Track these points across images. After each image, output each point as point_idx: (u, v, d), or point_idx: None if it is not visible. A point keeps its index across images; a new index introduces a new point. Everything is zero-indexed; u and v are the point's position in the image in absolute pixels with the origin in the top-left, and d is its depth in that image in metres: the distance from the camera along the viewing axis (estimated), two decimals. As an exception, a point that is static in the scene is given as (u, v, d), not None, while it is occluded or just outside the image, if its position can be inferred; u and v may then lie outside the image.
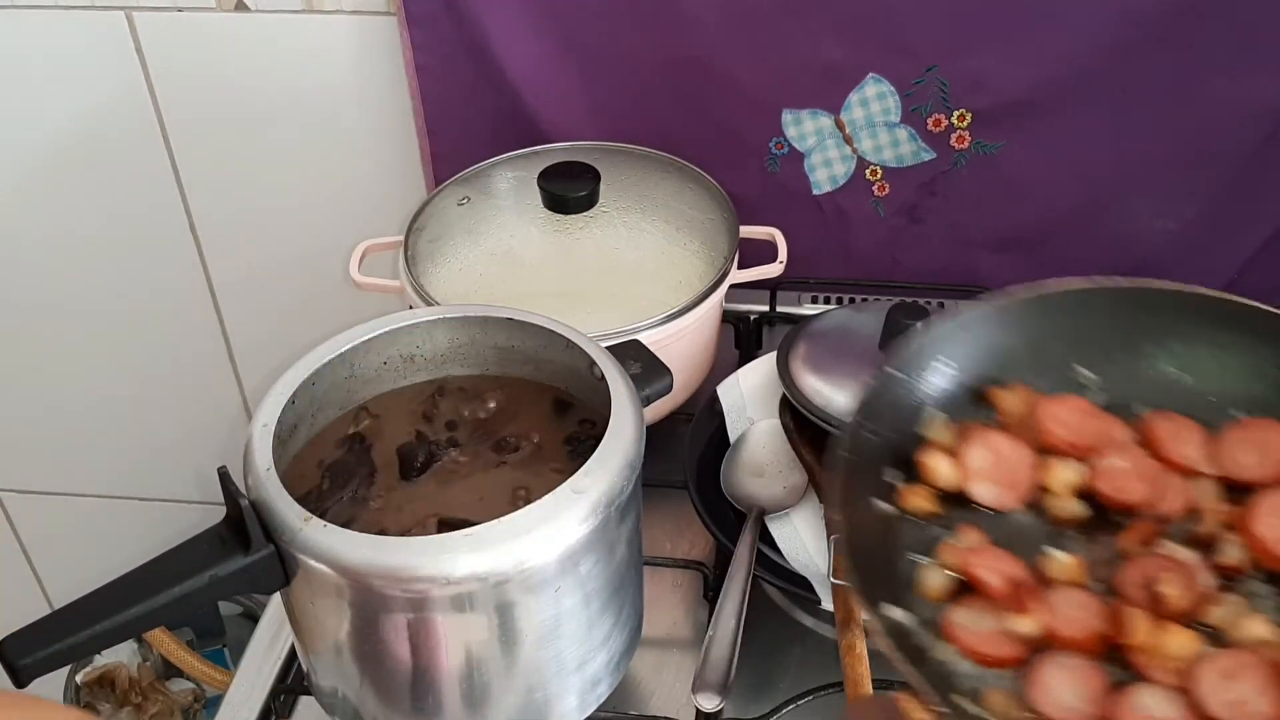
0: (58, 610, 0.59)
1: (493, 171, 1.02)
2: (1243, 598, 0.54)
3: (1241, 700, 0.49)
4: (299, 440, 0.70)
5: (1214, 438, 0.58)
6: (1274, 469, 0.57)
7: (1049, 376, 0.59)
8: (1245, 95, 0.98)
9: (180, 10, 1.11)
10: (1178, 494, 0.57)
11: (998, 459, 0.57)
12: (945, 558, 0.55)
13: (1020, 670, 0.52)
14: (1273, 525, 0.54)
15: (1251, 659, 0.51)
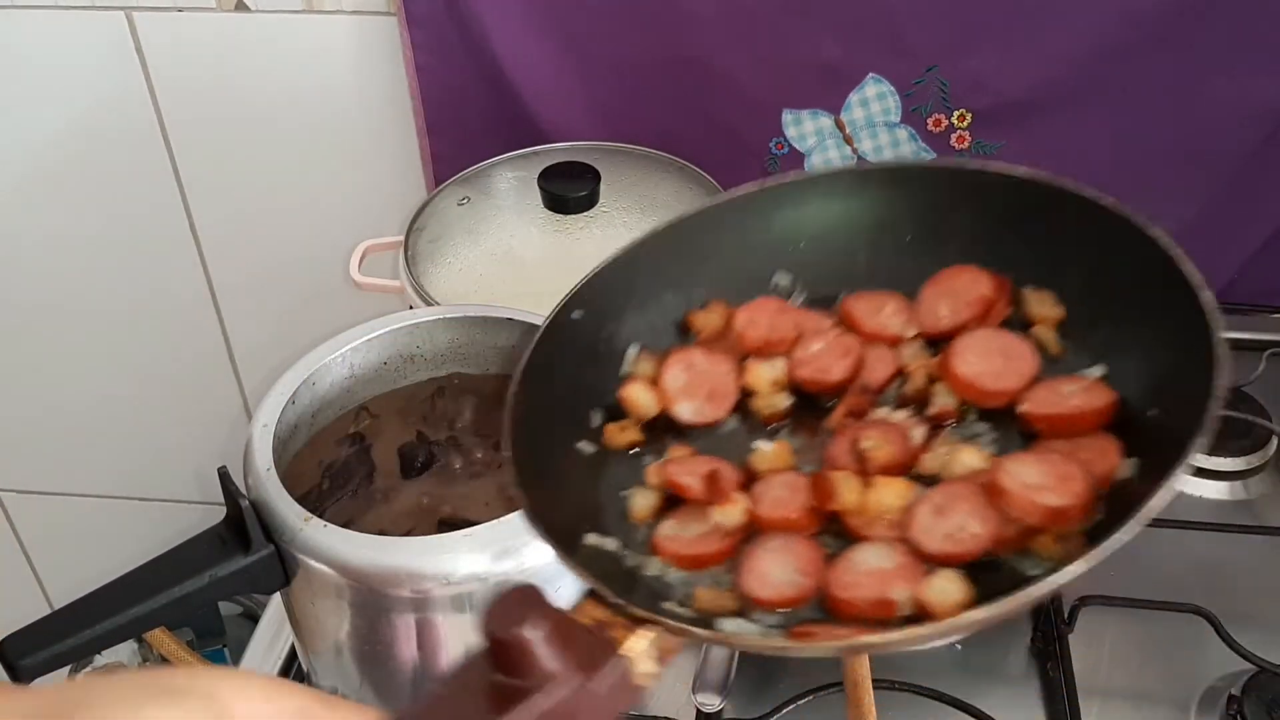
0: (58, 610, 0.59)
1: (493, 171, 1.02)
2: (955, 439, 0.54)
3: (956, 529, 0.49)
4: (299, 440, 0.70)
5: (912, 301, 0.58)
6: (966, 312, 0.56)
7: (749, 291, 0.59)
8: (1245, 95, 0.98)
9: (180, 10, 1.11)
10: (883, 363, 0.57)
11: (695, 375, 0.56)
12: (650, 478, 0.54)
13: (731, 563, 0.51)
14: (971, 362, 0.54)
15: (962, 488, 0.50)
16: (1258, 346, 1.00)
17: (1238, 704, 0.73)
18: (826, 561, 0.49)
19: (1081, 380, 0.53)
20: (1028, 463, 0.49)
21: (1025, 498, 0.48)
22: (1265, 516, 0.90)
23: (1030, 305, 0.56)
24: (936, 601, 0.46)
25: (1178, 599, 0.80)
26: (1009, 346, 0.55)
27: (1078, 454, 0.50)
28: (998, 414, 0.54)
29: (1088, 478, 0.48)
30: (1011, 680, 0.79)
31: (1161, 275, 0.51)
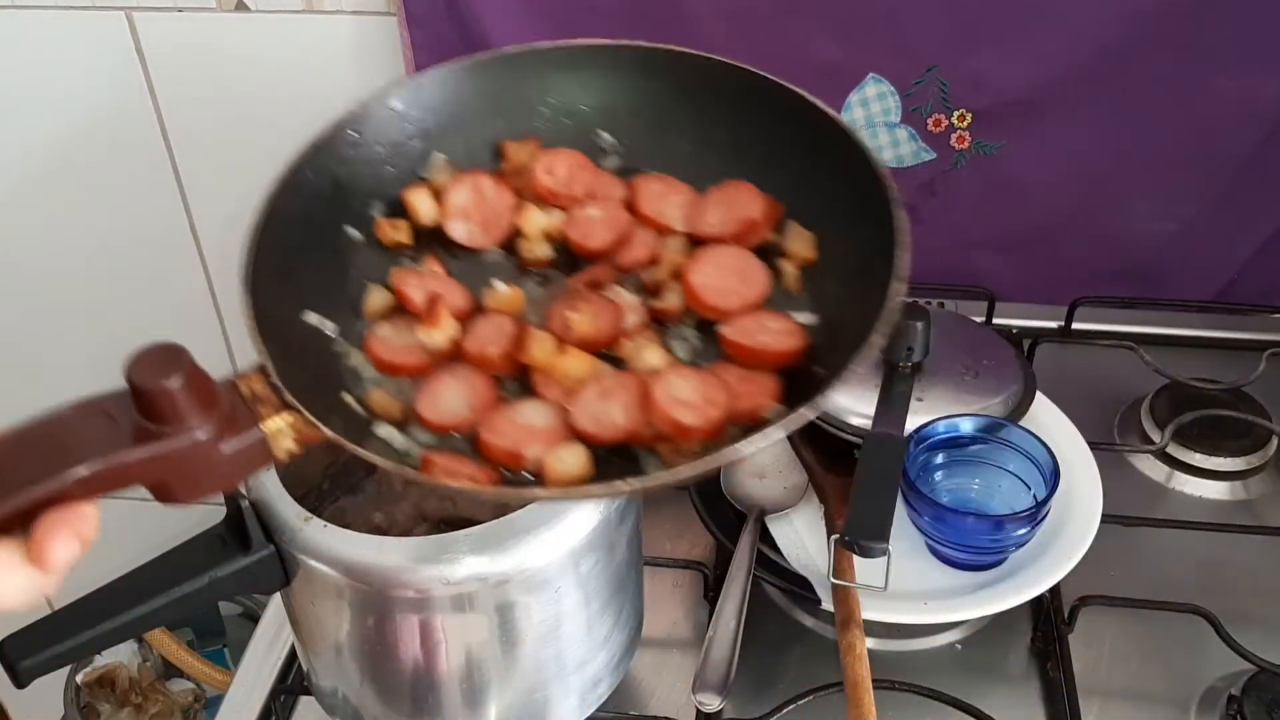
0: (58, 611, 0.59)
1: (493, 171, 1.02)
2: (659, 336, 0.57)
3: (604, 414, 0.53)
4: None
5: (699, 198, 0.60)
6: (733, 226, 0.59)
7: (568, 137, 0.61)
8: (1245, 95, 0.99)
9: (180, 10, 1.11)
10: (644, 246, 0.59)
11: (479, 199, 0.59)
12: (390, 280, 0.57)
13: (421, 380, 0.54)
14: (706, 274, 0.58)
15: (629, 381, 0.54)
16: (1258, 346, 1.00)
17: (1238, 704, 0.73)
18: (497, 403, 0.53)
19: (785, 321, 0.57)
20: (689, 379, 0.54)
21: (665, 409, 0.52)
22: (1265, 516, 0.90)
23: (791, 239, 0.59)
24: (554, 468, 0.50)
25: (1178, 599, 0.80)
26: (748, 270, 0.58)
27: (741, 385, 0.54)
28: (710, 327, 0.57)
29: (730, 408, 0.53)
30: (1011, 680, 0.79)
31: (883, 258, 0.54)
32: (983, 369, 0.86)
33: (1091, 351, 1.04)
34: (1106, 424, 0.98)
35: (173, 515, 1.70)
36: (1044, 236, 1.09)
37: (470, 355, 0.55)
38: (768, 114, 0.60)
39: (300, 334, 0.53)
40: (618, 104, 0.61)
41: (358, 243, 0.58)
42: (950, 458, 0.82)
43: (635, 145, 0.62)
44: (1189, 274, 1.09)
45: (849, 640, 0.70)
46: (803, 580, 0.77)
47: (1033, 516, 0.76)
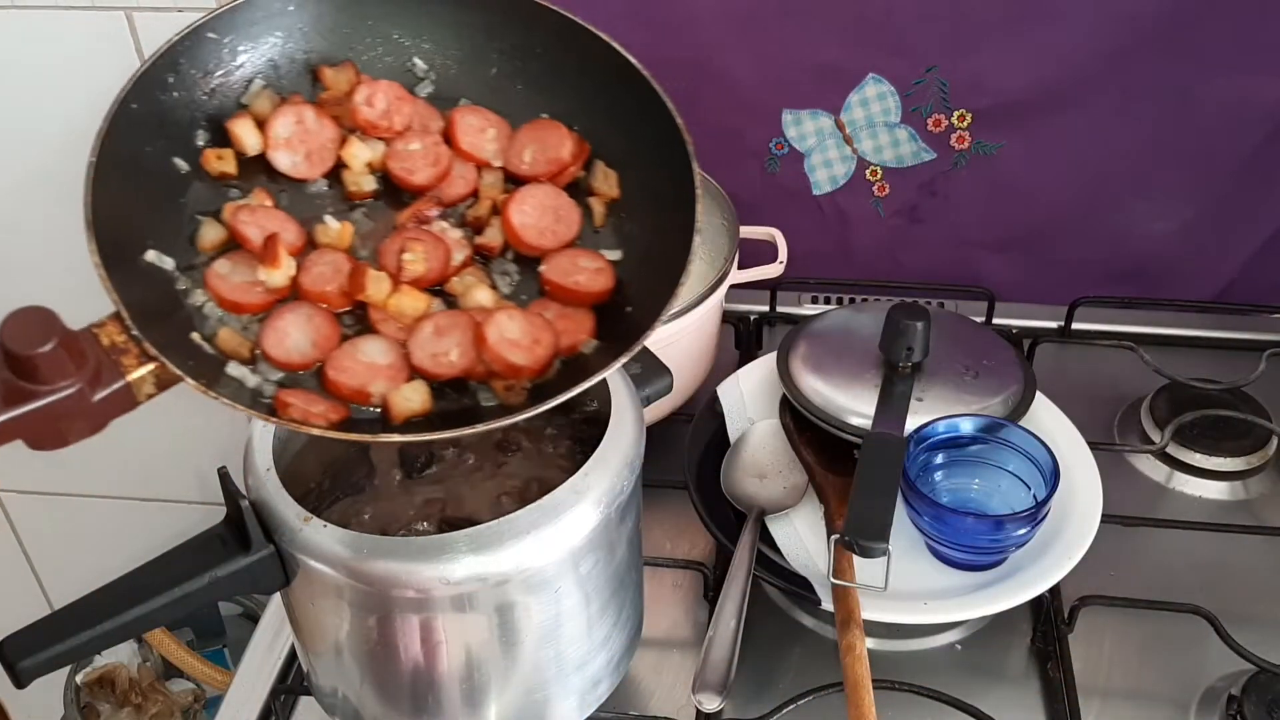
0: (57, 611, 0.59)
1: (493, 171, 1.02)
2: (484, 273, 0.61)
3: (441, 352, 0.56)
4: (299, 440, 0.70)
5: (513, 134, 0.63)
6: (545, 165, 0.62)
7: (383, 63, 0.63)
8: (1245, 95, 0.99)
9: (180, 10, 1.11)
10: (464, 181, 0.62)
11: (303, 131, 0.60)
12: (224, 215, 0.58)
13: (263, 317, 0.57)
14: (525, 212, 0.61)
15: (463, 320, 0.58)
16: (1258, 347, 1.00)
17: (1238, 704, 0.73)
18: (340, 339, 0.56)
19: (597, 259, 0.61)
20: (516, 319, 0.58)
21: (497, 349, 0.56)
22: (1265, 516, 0.90)
23: (597, 178, 0.63)
24: (399, 403, 0.54)
25: (1178, 599, 0.80)
26: (562, 209, 0.62)
27: (560, 321, 0.59)
28: (529, 261, 0.61)
29: (554, 346, 0.58)
30: (1012, 680, 0.79)
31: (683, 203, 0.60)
32: (983, 369, 0.86)
33: (1091, 351, 1.04)
34: (1106, 424, 0.98)
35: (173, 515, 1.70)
36: (1044, 236, 1.09)
37: (309, 294, 0.57)
38: (576, 55, 0.62)
39: (146, 275, 0.55)
40: (431, 33, 0.64)
41: (187, 174, 0.59)
42: (950, 458, 0.82)
43: (448, 74, 0.64)
44: (1189, 274, 1.09)
45: (849, 640, 0.70)
46: (803, 580, 0.77)
47: (1032, 516, 0.75)
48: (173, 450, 1.47)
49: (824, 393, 0.85)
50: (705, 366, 0.97)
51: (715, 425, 0.90)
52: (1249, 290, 1.08)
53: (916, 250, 1.12)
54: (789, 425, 0.87)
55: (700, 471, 0.86)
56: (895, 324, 0.83)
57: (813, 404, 0.85)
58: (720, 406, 0.91)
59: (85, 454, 1.57)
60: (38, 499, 1.56)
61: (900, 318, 0.83)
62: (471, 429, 0.53)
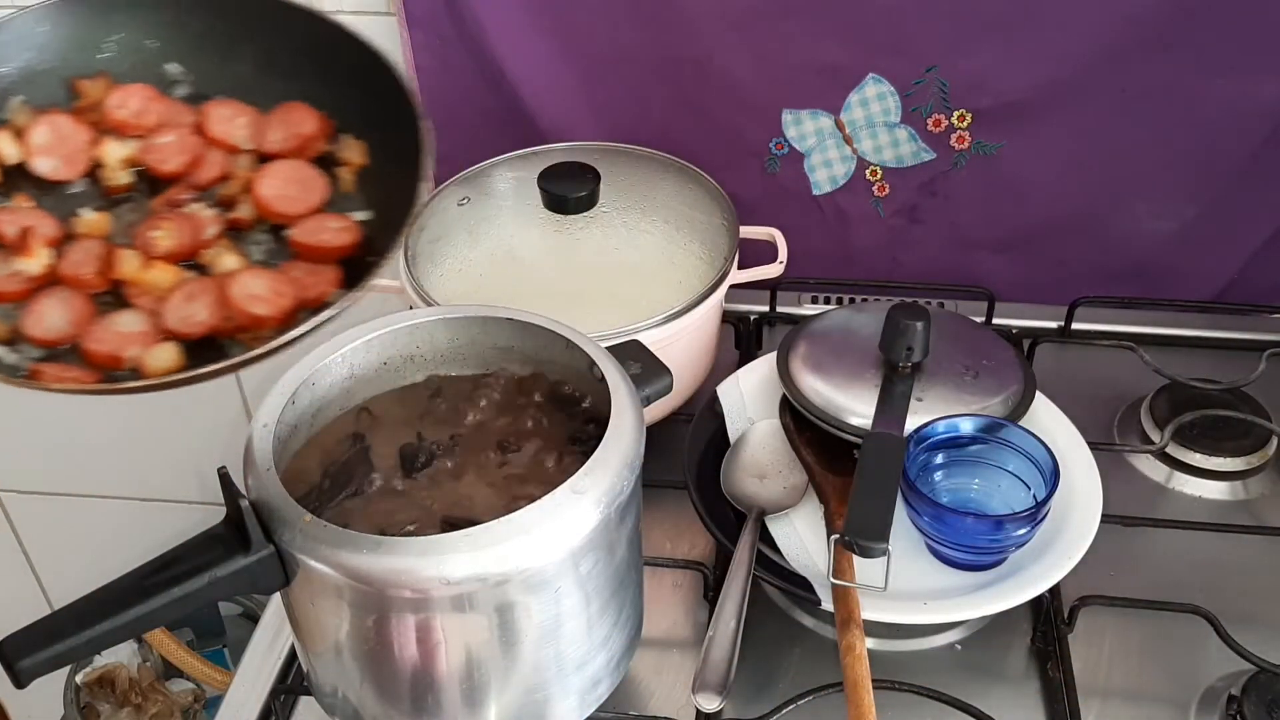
0: (57, 611, 0.59)
1: (493, 171, 1.02)
2: (235, 244, 0.67)
3: (190, 314, 0.63)
4: (299, 440, 0.70)
5: (262, 119, 0.70)
6: (291, 142, 0.69)
7: (137, 71, 0.69)
8: (1245, 95, 0.99)
9: (180, 10, 1.11)
10: (216, 165, 0.69)
11: (59, 137, 0.66)
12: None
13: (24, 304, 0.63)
14: (271, 185, 0.68)
15: (210, 284, 0.64)
16: (1258, 347, 1.00)
17: (1238, 704, 0.73)
18: (94, 317, 0.61)
19: (343, 220, 0.69)
20: (261, 277, 0.65)
21: (240, 305, 0.63)
22: (1265, 516, 0.90)
23: (345, 149, 0.70)
24: (150, 363, 0.60)
25: (1178, 599, 0.80)
26: (308, 179, 0.69)
27: (308, 278, 0.66)
28: (281, 230, 0.68)
29: (298, 298, 0.64)
30: (1011, 680, 0.79)
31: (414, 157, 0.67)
32: (983, 369, 0.86)
33: (1091, 351, 1.04)
34: (1106, 424, 0.98)
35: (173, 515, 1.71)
36: (1044, 236, 1.09)
37: (66, 278, 0.63)
38: (318, 42, 0.69)
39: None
40: (181, 38, 0.70)
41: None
42: (950, 458, 0.82)
43: (202, 74, 0.70)
44: (1189, 274, 1.09)
45: (848, 640, 0.70)
46: (803, 580, 0.77)
47: (1032, 516, 0.76)
48: (173, 450, 1.47)
49: (824, 393, 0.85)
50: (705, 366, 0.97)
51: (715, 425, 0.90)
52: (1249, 290, 1.08)
53: (916, 250, 1.12)
54: (789, 425, 0.87)
55: (700, 471, 0.86)
56: (895, 324, 0.83)
57: (812, 404, 0.85)
58: (720, 406, 0.91)
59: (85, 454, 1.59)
60: (37, 499, 1.56)
61: (900, 317, 0.83)
62: (215, 366, 0.59)
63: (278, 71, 0.70)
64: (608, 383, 0.68)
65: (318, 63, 0.70)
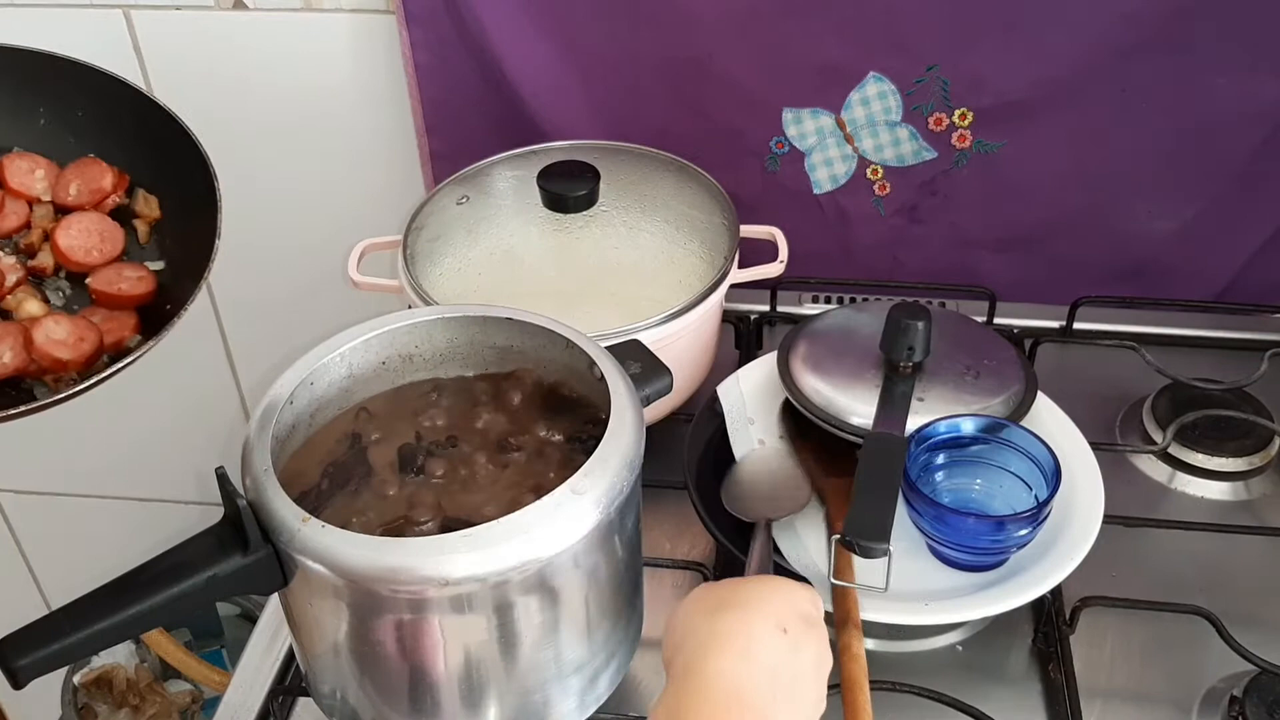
0: (55, 611, 0.59)
1: (492, 171, 1.02)
2: (37, 290, 0.73)
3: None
4: (297, 440, 0.70)
5: (60, 172, 0.75)
6: (89, 195, 0.75)
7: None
8: (1245, 95, 0.98)
9: (179, 9, 1.11)
10: (16, 215, 0.74)
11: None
12: None
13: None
14: (70, 236, 0.73)
15: (15, 327, 0.69)
16: (1258, 347, 1.00)
17: (1239, 705, 0.73)
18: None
19: (140, 269, 0.76)
20: (63, 323, 0.71)
21: (44, 348, 0.69)
22: (1267, 517, 0.90)
23: (139, 203, 0.76)
24: None
25: (1179, 600, 0.80)
26: (106, 230, 0.76)
27: (107, 323, 0.72)
28: (81, 277, 0.74)
29: (99, 343, 0.70)
30: (1013, 681, 0.79)
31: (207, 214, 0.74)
32: (984, 369, 0.86)
33: (1093, 351, 1.04)
34: (1108, 424, 0.97)
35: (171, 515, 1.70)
36: (1045, 236, 1.09)
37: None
38: (111, 99, 0.74)
39: None
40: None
41: None
42: (951, 458, 0.82)
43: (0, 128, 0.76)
44: (1190, 274, 1.09)
45: (845, 640, 0.70)
46: (803, 581, 0.77)
47: (1034, 517, 0.75)
48: (170, 450, 1.47)
49: (824, 393, 0.85)
50: (705, 366, 0.97)
51: (715, 425, 0.90)
52: (1251, 290, 1.08)
53: (917, 250, 1.12)
54: (790, 428, 0.87)
55: (700, 471, 0.86)
56: (896, 323, 0.83)
57: (813, 404, 0.84)
58: (720, 406, 0.91)
59: (83, 454, 1.58)
60: (34, 499, 1.56)
61: (901, 317, 0.83)
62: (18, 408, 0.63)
63: (73, 127, 0.75)
64: (608, 383, 0.67)
65: (112, 121, 0.74)
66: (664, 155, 1.02)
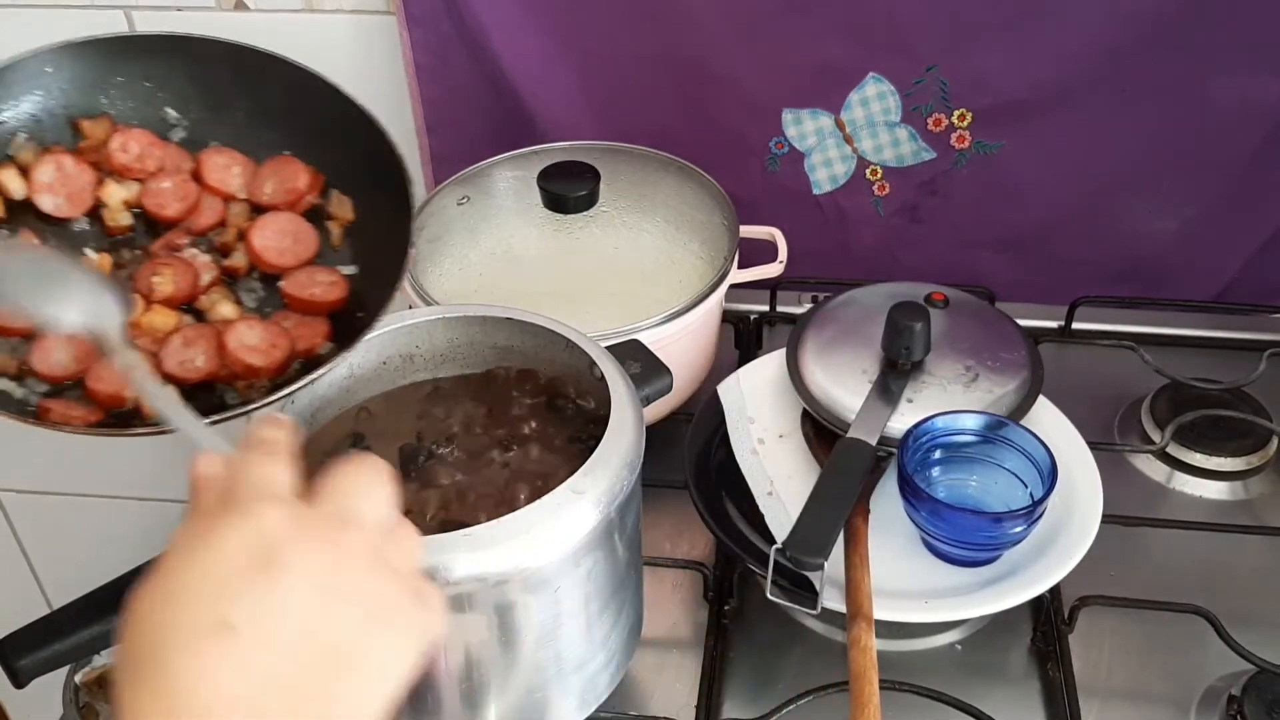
0: (56, 611, 0.59)
1: (492, 171, 1.02)
2: (230, 290, 0.70)
3: (189, 359, 0.65)
4: (296, 440, 0.70)
5: (256, 169, 0.72)
6: (284, 195, 0.71)
7: (138, 113, 0.71)
8: (1245, 95, 0.98)
9: (179, 9, 1.11)
10: (212, 212, 0.71)
11: (63, 176, 0.68)
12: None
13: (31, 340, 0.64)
14: (266, 237, 0.70)
15: (208, 330, 0.66)
16: (1258, 347, 1.00)
17: (1238, 704, 0.73)
18: (98, 357, 0.62)
19: (333, 274, 0.70)
20: (256, 327, 0.67)
21: (236, 354, 0.65)
22: (1266, 516, 0.90)
23: (333, 204, 0.72)
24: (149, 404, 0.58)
25: (1178, 599, 0.80)
26: (300, 232, 0.71)
27: (298, 329, 0.68)
28: (272, 279, 0.70)
29: (291, 350, 0.66)
30: (1012, 680, 0.79)
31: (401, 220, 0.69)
32: (986, 369, 0.86)
33: (1092, 351, 1.04)
34: (1107, 424, 0.98)
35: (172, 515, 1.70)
36: (1044, 236, 1.09)
37: None
38: (309, 98, 0.71)
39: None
40: (179, 85, 0.72)
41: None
42: (948, 454, 0.82)
43: (198, 120, 0.72)
44: (1189, 274, 1.09)
45: (855, 633, 0.70)
46: (804, 581, 0.77)
47: (1029, 514, 0.75)
48: (172, 450, 1.46)
49: (824, 386, 0.85)
50: (705, 366, 0.97)
51: (715, 425, 0.90)
52: (1250, 290, 1.08)
53: (916, 250, 1.12)
54: (809, 433, 0.87)
55: (700, 471, 0.86)
56: (895, 324, 0.83)
57: (814, 398, 0.85)
58: (720, 406, 0.91)
59: (84, 454, 1.58)
60: (37, 498, 1.56)
61: (900, 318, 0.83)
62: (210, 419, 0.60)
63: (270, 123, 0.72)
64: (608, 383, 0.68)
65: (309, 118, 0.71)
66: (664, 155, 1.02)
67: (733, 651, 0.81)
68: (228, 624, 0.37)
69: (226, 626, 0.37)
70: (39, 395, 0.63)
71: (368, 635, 0.40)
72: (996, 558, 0.79)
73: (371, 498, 0.43)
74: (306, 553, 0.40)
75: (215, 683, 0.37)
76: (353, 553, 0.41)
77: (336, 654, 0.39)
